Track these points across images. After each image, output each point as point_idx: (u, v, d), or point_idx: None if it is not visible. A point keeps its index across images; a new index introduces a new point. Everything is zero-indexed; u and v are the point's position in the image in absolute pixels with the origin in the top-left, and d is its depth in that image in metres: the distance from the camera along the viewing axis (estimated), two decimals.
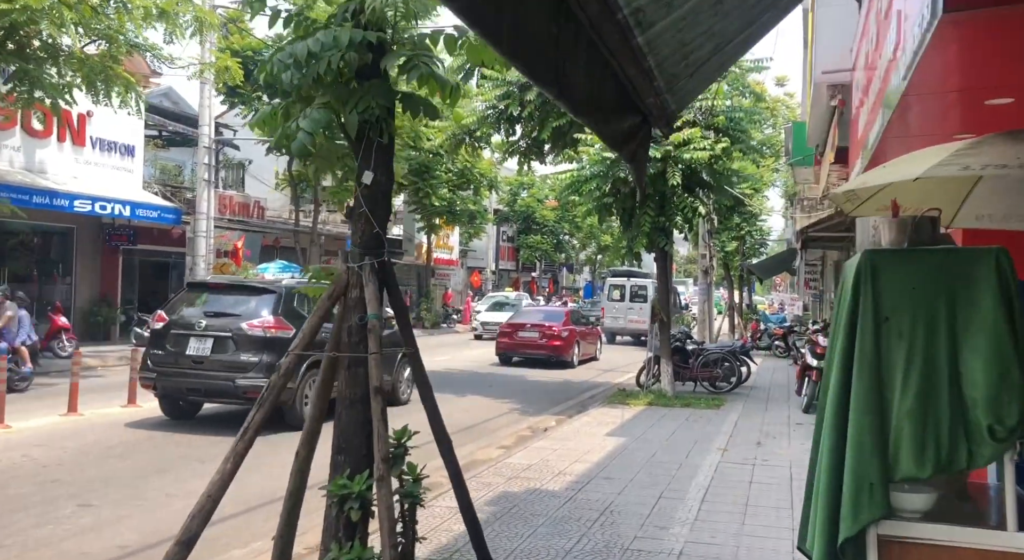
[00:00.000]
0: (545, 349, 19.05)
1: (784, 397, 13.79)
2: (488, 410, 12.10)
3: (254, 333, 9.33)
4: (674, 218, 12.11)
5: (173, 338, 9.56)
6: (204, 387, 9.41)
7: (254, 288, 10.12)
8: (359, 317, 3.36)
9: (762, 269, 31.00)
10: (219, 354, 9.31)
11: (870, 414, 2.43)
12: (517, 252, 52.19)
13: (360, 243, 3.54)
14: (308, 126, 3.39)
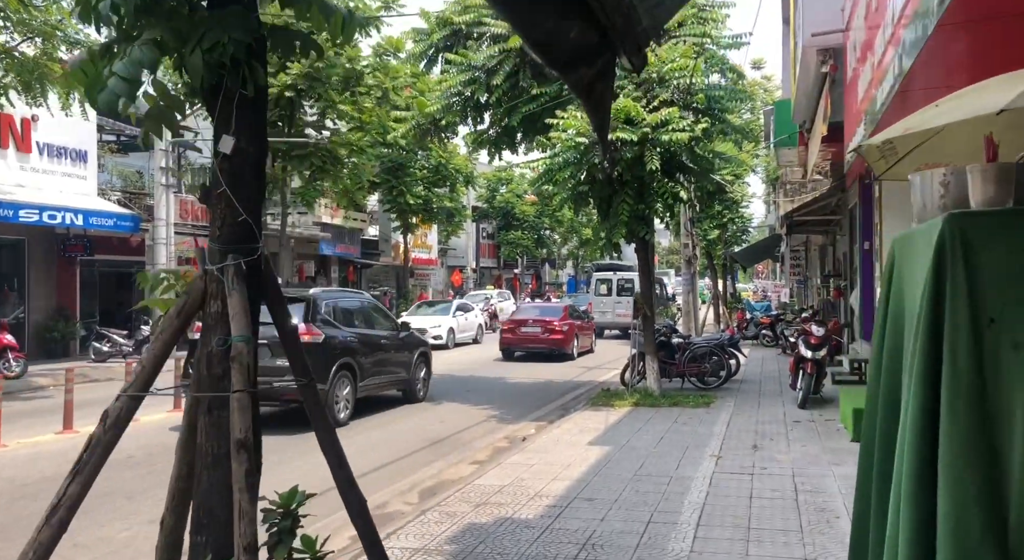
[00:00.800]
0: (547, 343, 20.03)
1: (777, 391, 13.06)
2: (464, 418, 11.27)
3: None
4: (654, 205, 11.32)
5: None
6: None
7: (288, 298, 9.68)
8: (219, 339, 2.50)
9: (745, 257, 30.35)
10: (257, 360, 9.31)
11: (975, 473, 1.59)
12: (498, 249, 51.34)
13: (220, 236, 2.67)
14: (124, 70, 2.49)
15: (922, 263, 1.71)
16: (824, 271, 22.70)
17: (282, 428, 9.96)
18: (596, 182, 11.56)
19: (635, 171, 11.06)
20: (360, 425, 10.65)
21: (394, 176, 31.87)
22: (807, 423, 9.70)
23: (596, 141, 10.72)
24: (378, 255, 37.20)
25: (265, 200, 25.22)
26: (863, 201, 14.08)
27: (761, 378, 14.92)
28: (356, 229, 34.32)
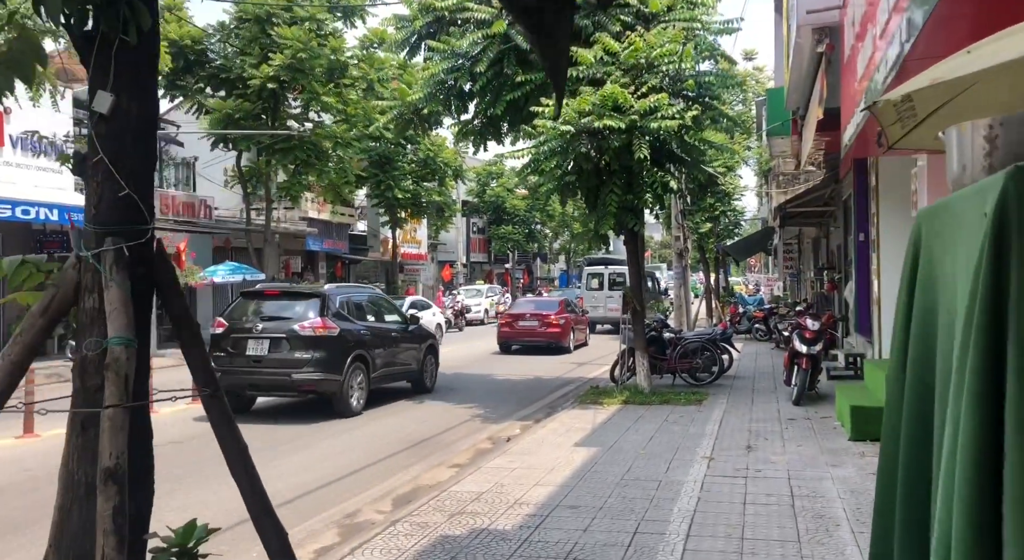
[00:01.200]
0: (544, 336, 20.30)
1: (771, 387, 12.70)
2: (447, 418, 10.88)
3: (305, 333, 10.63)
4: (643, 196, 10.92)
5: (232, 341, 10.86)
6: (264, 383, 10.78)
7: (301, 294, 11.72)
8: (91, 342, 2.07)
9: (738, 250, 29.99)
10: (275, 353, 10.63)
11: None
12: (488, 243, 50.93)
13: (97, 215, 2.22)
14: None
15: (968, 239, 1.32)
16: (817, 264, 22.38)
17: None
18: (583, 172, 11.17)
19: (623, 160, 10.66)
20: (344, 424, 10.25)
21: (381, 170, 31.41)
22: (802, 421, 9.34)
23: (583, 129, 10.34)
24: (367, 250, 36.73)
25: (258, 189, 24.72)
26: (858, 191, 13.71)
27: (755, 374, 14.57)
28: (344, 224, 33.84)
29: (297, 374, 10.45)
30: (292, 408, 11.79)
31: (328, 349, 10.62)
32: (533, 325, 20.29)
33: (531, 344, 20.17)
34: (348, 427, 10.16)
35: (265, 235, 24.52)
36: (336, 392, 10.68)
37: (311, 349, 10.60)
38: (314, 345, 10.63)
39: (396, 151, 31.40)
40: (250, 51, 22.11)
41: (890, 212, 9.97)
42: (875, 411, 7.88)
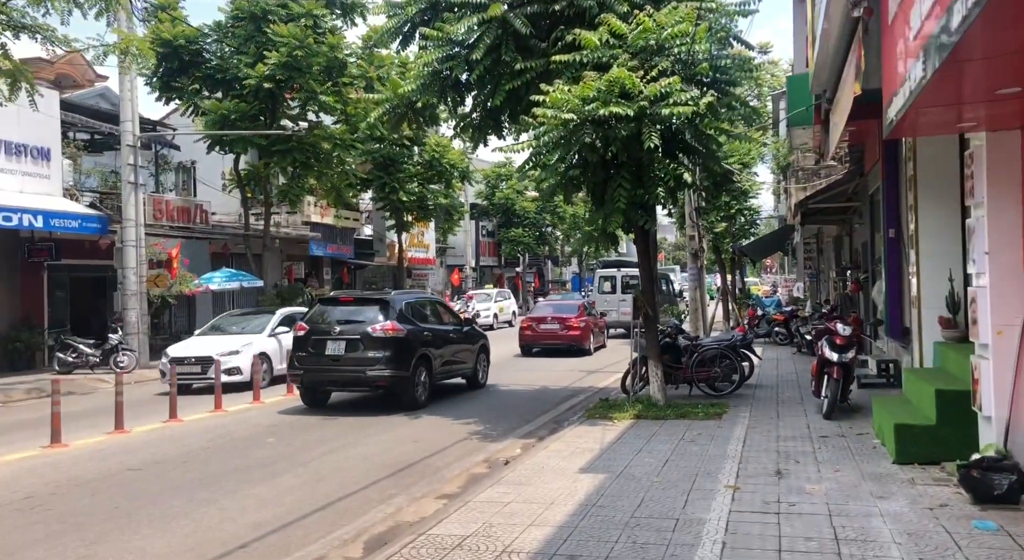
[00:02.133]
0: (566, 339, 20.65)
1: (797, 397, 11.69)
2: (443, 436, 9.96)
3: (377, 334, 11.77)
4: (654, 190, 9.94)
5: (313, 342, 12.03)
6: (341, 379, 12.06)
7: (373, 299, 12.86)
8: None
9: (754, 250, 28.93)
10: (351, 353, 11.81)
11: None
12: (498, 247, 50.07)
13: None
14: None
15: None
16: (840, 263, 21.31)
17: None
18: (589, 165, 10.23)
19: (632, 151, 9.71)
20: (332, 443, 9.36)
21: (386, 172, 30.55)
22: (837, 438, 8.34)
23: (587, 117, 9.39)
24: (373, 255, 35.93)
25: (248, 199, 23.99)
26: (888, 183, 12.70)
27: (778, 382, 13.55)
28: (349, 228, 33.06)
29: (371, 371, 11.71)
30: (274, 426, 10.93)
31: (396, 349, 11.83)
32: (554, 328, 20.65)
33: (553, 347, 20.43)
34: (336, 446, 9.27)
35: (264, 240, 23.73)
36: (404, 387, 11.89)
37: (382, 349, 11.77)
38: (384, 345, 11.79)
39: (400, 153, 30.56)
40: (245, 50, 21.35)
41: (931, 203, 8.96)
42: (922, 430, 6.88)
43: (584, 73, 9.61)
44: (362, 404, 12.68)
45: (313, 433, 10.24)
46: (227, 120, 21.26)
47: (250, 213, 25.28)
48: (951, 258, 8.81)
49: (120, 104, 18.04)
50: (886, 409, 7.87)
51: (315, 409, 12.24)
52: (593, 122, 9.57)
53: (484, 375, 14.78)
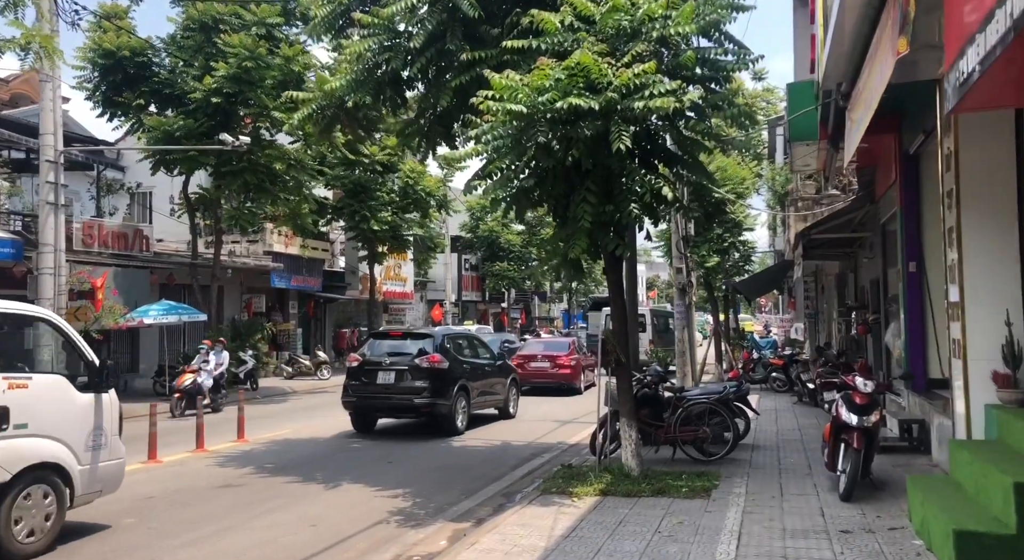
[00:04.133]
0: (556, 377, 20.44)
1: (803, 463, 9.58)
2: (356, 515, 7.81)
3: (423, 365, 12.80)
4: (627, 207, 7.91)
5: (366, 372, 13.09)
6: (391, 405, 13.06)
7: (419, 334, 14.25)
8: None
9: (749, 287, 26.97)
10: (400, 382, 12.82)
11: None
12: (482, 281, 48.00)
13: None
14: None
15: None
16: (844, 302, 19.33)
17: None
18: (548, 174, 8.25)
19: (599, 157, 7.73)
20: (191, 532, 7.21)
21: (357, 200, 28.64)
22: (863, 535, 6.22)
23: (542, 112, 7.43)
24: (344, 288, 33.80)
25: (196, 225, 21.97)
26: (907, 208, 10.76)
27: (778, 442, 11.42)
28: (317, 260, 30.99)
29: (418, 399, 12.74)
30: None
31: (440, 379, 12.88)
32: (545, 366, 20.30)
33: (543, 385, 19.82)
34: (204, 535, 7.11)
35: (214, 270, 21.65)
36: (446, 414, 12.93)
37: (428, 379, 12.81)
38: (430, 376, 12.82)
39: (373, 179, 28.69)
40: (194, 62, 19.52)
41: (979, 224, 6.96)
42: (997, 542, 4.78)
43: (540, 60, 7.67)
44: (278, 470, 10.51)
45: (204, 507, 8.08)
46: (172, 138, 19.35)
47: (203, 241, 23.28)
48: (1007, 295, 6.81)
49: (40, 115, 16.06)
50: (933, 499, 5.78)
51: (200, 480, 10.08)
52: (551, 120, 7.62)
53: (515, 406, 15.70)
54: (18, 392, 6.30)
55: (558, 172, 8.21)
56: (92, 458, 6.91)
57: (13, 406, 6.21)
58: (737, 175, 22.86)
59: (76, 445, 6.76)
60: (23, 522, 6.22)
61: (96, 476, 6.95)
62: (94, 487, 6.97)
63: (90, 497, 6.99)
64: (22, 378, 6.42)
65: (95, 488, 7.00)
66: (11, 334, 6.93)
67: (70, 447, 6.70)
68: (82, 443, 6.82)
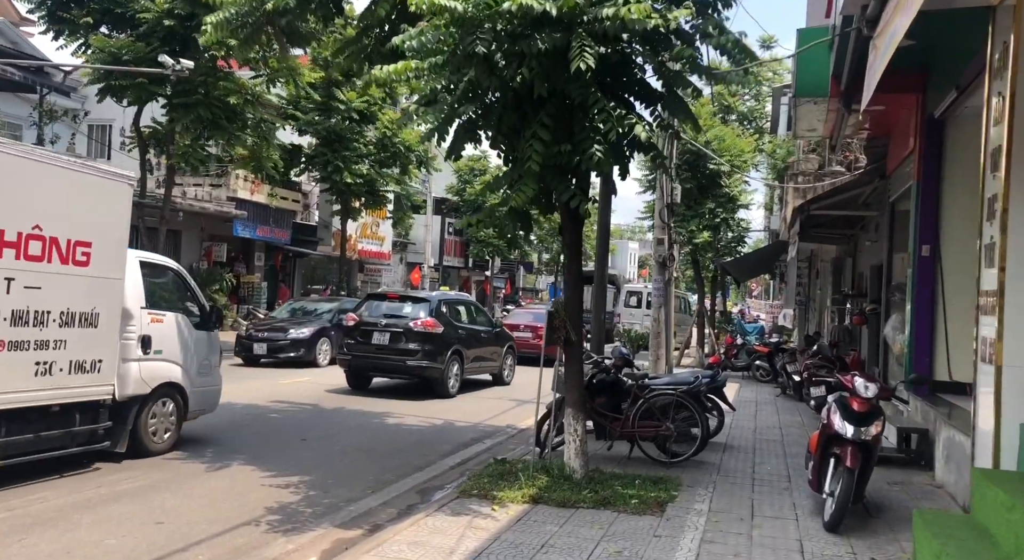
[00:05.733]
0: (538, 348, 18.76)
1: (782, 473, 8.10)
2: (228, 507, 6.30)
3: (417, 329, 13.16)
4: (588, 147, 6.29)
5: (361, 331, 13.46)
6: (384, 366, 13.42)
7: (415, 297, 14.47)
8: None
9: (739, 268, 25.41)
10: (394, 343, 13.17)
11: None
12: (466, 247, 46.27)
13: None
14: None
15: None
16: (839, 290, 17.85)
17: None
18: (496, 103, 6.62)
19: (555, 80, 6.10)
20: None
21: (331, 149, 26.83)
22: None
23: (482, 16, 5.78)
24: (316, 243, 32.10)
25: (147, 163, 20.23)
26: (926, 182, 9.22)
27: (755, 442, 9.96)
28: (287, 210, 29.26)
29: (410, 361, 12.93)
30: None
31: (433, 343, 13.05)
32: (527, 336, 19.29)
33: (524, 355, 17.88)
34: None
35: (163, 212, 19.92)
36: (438, 377, 13.13)
37: (421, 342, 12.99)
38: (423, 339, 13.01)
39: (350, 128, 26.87)
40: None
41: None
42: None
43: None
44: None
45: None
46: (119, 62, 17.55)
47: (154, 179, 21.55)
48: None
49: None
50: (952, 551, 4.28)
51: None
52: (497, 29, 5.98)
53: (511, 374, 15.89)
54: (156, 325, 7.98)
55: (507, 101, 6.58)
56: (201, 382, 8.57)
57: (153, 336, 7.88)
58: (736, 146, 21.24)
59: (191, 371, 8.38)
60: (155, 426, 7.92)
61: (202, 397, 8.62)
62: (200, 406, 8.65)
63: (196, 414, 8.64)
64: (159, 314, 8.09)
65: (201, 407, 8.68)
66: (151, 279, 8.15)
67: (187, 372, 8.32)
68: (195, 369, 8.47)
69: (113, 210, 7.38)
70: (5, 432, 6.28)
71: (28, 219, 6.41)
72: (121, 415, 7.48)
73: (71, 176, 7.00)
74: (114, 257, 7.35)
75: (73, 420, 6.97)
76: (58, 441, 6.86)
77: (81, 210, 6.96)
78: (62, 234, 6.71)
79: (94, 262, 7.03)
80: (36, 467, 6.71)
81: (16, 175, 6.33)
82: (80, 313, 6.93)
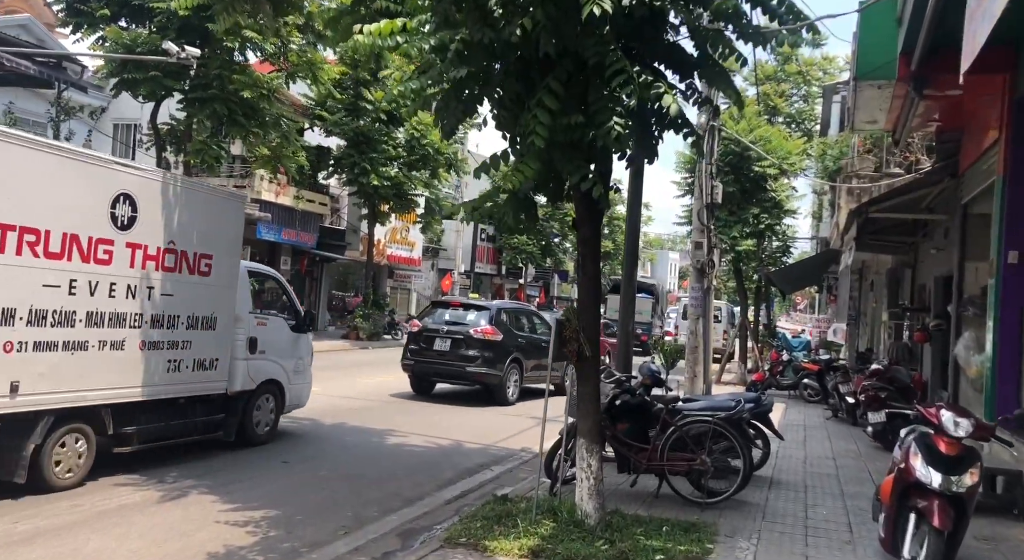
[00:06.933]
0: None
1: (840, 522, 6.75)
2: (163, 552, 5.21)
3: (477, 336, 13.46)
4: (606, 119, 5.09)
5: (424, 338, 13.85)
6: (445, 372, 13.73)
7: (476, 306, 14.82)
8: None
9: (785, 279, 23.82)
10: (455, 350, 13.48)
11: None
12: (499, 254, 45.19)
13: None
14: None
15: None
16: (897, 303, 16.28)
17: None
18: (494, 66, 5.46)
19: (564, 34, 4.93)
20: None
21: (358, 151, 26.03)
22: None
23: None
24: (343, 248, 31.29)
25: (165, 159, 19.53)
26: (1014, 178, 7.85)
27: (805, 476, 8.60)
28: (313, 214, 28.51)
29: (471, 367, 13.21)
30: None
31: (493, 350, 13.32)
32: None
33: None
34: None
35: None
36: (497, 384, 13.38)
37: (481, 349, 13.28)
38: (483, 346, 13.30)
39: (378, 129, 26.04)
40: None
41: None
42: None
43: None
44: None
45: None
46: (132, 53, 16.84)
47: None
48: None
49: None
50: None
51: None
52: None
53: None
54: (261, 328, 8.88)
55: (509, 65, 5.43)
56: (296, 380, 9.46)
57: (259, 337, 8.76)
58: (783, 148, 19.79)
59: (288, 369, 9.30)
60: (259, 419, 8.82)
61: (296, 393, 9.51)
62: (294, 402, 9.55)
63: (289, 409, 9.48)
64: (263, 318, 9.05)
65: (295, 403, 9.57)
66: (255, 286, 9.08)
67: (286, 370, 9.24)
68: (291, 368, 9.36)
69: (230, 225, 8.35)
70: (144, 421, 7.21)
71: (165, 236, 7.40)
72: (231, 408, 8.40)
73: (197, 195, 7.98)
74: (230, 267, 8.32)
75: (195, 411, 7.95)
76: (182, 429, 7.76)
77: (204, 226, 7.86)
78: (190, 248, 7.69)
79: (214, 272, 8.01)
80: None
81: (159, 199, 7.34)
82: (202, 317, 7.89)
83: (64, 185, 6.43)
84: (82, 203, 6.61)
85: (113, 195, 6.91)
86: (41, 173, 6.24)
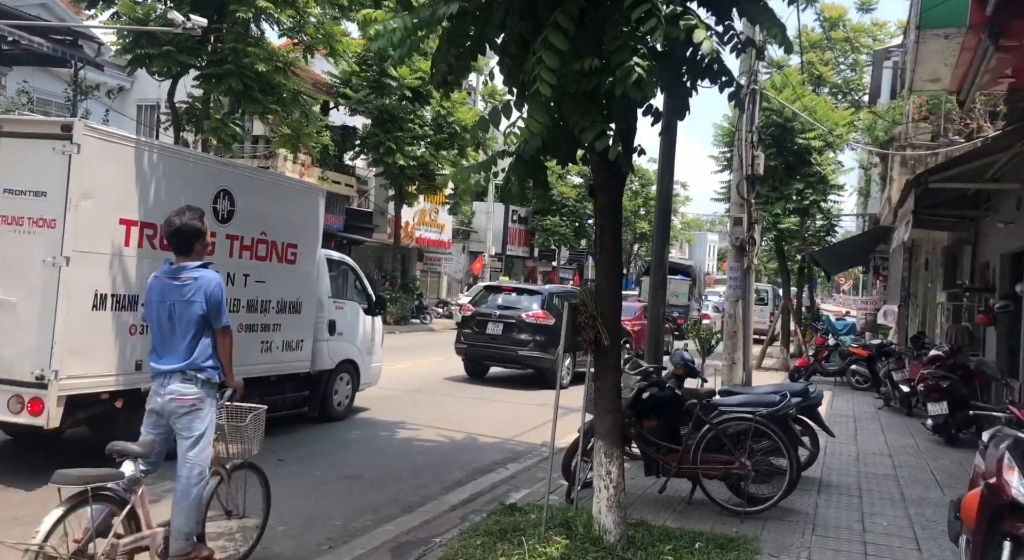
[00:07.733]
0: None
1: (905, 535, 5.82)
2: None
3: (529, 320, 13.59)
4: (625, 59, 4.18)
5: (477, 322, 14.04)
6: (497, 355, 13.90)
7: (528, 290, 15.00)
8: None
9: (829, 259, 22.57)
10: (507, 334, 13.65)
11: None
12: (531, 236, 44.27)
13: None
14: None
15: None
16: (955, 282, 15.07)
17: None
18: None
19: None
20: None
21: (383, 130, 25.32)
22: None
23: None
24: (371, 230, 30.67)
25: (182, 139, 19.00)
26: None
27: (859, 479, 7.65)
28: (340, 195, 27.88)
29: (523, 351, 13.40)
30: None
31: (545, 334, 13.21)
32: None
33: None
34: None
35: None
36: (549, 368, 13.15)
37: (533, 333, 13.43)
38: (535, 330, 13.42)
39: (404, 108, 25.29)
40: None
41: None
42: None
43: None
44: None
45: None
46: (145, 27, 16.26)
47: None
48: None
49: None
50: None
51: None
52: None
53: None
54: (339, 312, 9.52)
55: (512, 1, 4.55)
56: (368, 360, 10.16)
57: (337, 320, 9.42)
58: (829, 119, 18.57)
59: (362, 350, 9.99)
60: (337, 396, 9.55)
61: (369, 373, 10.22)
62: (368, 381, 10.23)
63: (363, 388, 10.13)
64: (341, 303, 9.64)
65: (368, 381, 10.26)
66: (333, 272, 9.56)
67: (360, 351, 9.94)
68: (365, 349, 10.07)
69: (311, 216, 8.80)
70: (239, 398, 7.40)
71: (258, 227, 7.89)
72: (314, 386, 9.05)
73: (283, 189, 8.65)
74: (312, 255, 8.82)
75: (284, 388, 8.56)
76: (275, 405, 7.80)
77: (290, 217, 8.36)
78: (279, 238, 8.17)
79: (299, 260, 8.52)
80: None
81: (252, 193, 7.78)
82: (289, 302, 8.43)
83: (175, 183, 6.85)
84: (190, 199, 6.74)
85: (215, 191, 7.34)
86: (155, 172, 6.69)
